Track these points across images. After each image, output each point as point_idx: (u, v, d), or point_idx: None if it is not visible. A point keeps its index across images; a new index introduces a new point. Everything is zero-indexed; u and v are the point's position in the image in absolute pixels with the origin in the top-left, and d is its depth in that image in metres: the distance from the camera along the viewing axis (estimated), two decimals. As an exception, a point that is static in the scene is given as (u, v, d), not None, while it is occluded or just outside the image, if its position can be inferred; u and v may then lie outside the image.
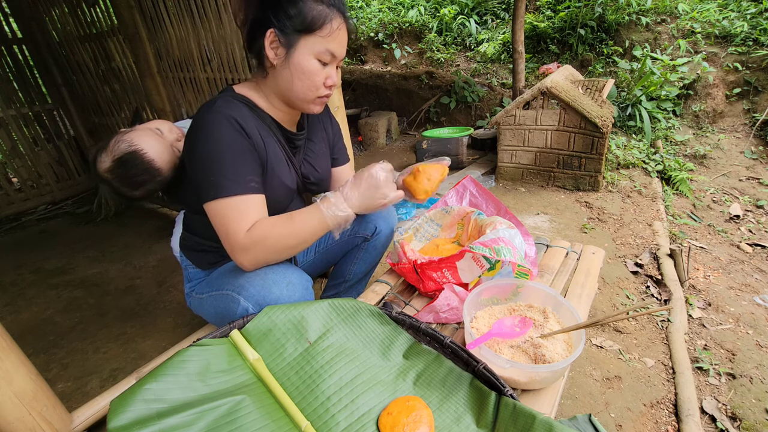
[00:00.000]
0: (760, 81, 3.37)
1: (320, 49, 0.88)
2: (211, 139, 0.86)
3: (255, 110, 0.96)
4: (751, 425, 1.23)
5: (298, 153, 1.09)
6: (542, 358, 0.80)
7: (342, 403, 0.72)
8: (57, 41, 2.87)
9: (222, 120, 0.86)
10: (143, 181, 1.10)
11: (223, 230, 0.87)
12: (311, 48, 0.87)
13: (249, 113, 0.92)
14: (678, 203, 2.67)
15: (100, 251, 2.52)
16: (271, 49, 0.88)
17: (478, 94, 4.22)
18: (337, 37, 0.88)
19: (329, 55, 0.89)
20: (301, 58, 0.88)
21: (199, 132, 0.88)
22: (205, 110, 0.89)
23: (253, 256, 0.88)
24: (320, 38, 0.87)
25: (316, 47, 0.88)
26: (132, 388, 0.65)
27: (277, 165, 0.98)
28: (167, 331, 1.72)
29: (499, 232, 0.99)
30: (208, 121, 0.87)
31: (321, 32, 0.86)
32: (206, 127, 0.87)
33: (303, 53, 0.88)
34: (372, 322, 0.88)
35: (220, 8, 1.77)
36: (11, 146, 2.95)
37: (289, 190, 1.03)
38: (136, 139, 1.09)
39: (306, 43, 0.87)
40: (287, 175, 1.01)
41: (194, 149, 0.88)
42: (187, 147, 0.93)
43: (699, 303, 1.78)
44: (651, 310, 0.75)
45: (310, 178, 1.12)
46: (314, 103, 0.96)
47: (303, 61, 0.88)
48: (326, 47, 0.88)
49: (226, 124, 0.86)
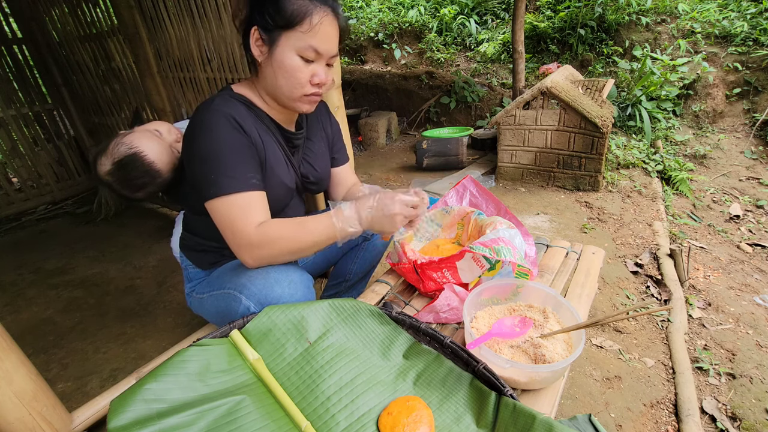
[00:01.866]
0: (760, 81, 3.37)
1: (301, 45, 0.85)
2: (210, 137, 0.86)
3: (253, 109, 0.95)
4: (751, 425, 1.23)
5: (297, 152, 1.09)
6: (542, 358, 0.80)
7: (342, 403, 0.72)
8: (57, 41, 2.86)
9: (220, 118, 0.86)
10: (144, 183, 1.10)
11: (229, 228, 0.86)
12: (292, 44, 0.85)
13: (247, 112, 0.92)
14: (678, 203, 2.67)
15: (100, 251, 2.52)
16: (256, 47, 0.88)
17: (478, 94, 4.22)
18: (318, 33, 0.85)
19: (312, 51, 0.86)
20: (283, 55, 0.86)
21: (197, 131, 0.87)
22: (203, 109, 0.89)
23: (260, 254, 0.87)
24: (300, 33, 0.84)
25: (297, 43, 0.85)
26: (132, 388, 0.65)
27: (275, 164, 0.97)
28: (167, 331, 1.72)
29: (499, 232, 0.99)
30: (207, 120, 0.87)
31: (301, 27, 0.84)
32: (205, 126, 0.87)
33: (284, 50, 0.86)
34: (372, 322, 0.88)
35: (220, 8, 1.77)
36: (11, 146, 2.94)
37: (288, 189, 1.03)
38: (135, 142, 1.09)
39: (287, 39, 0.85)
40: (286, 175, 1.01)
41: (193, 148, 0.88)
42: (186, 146, 0.93)
43: (699, 303, 1.78)
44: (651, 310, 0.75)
45: (309, 177, 1.12)
46: (301, 101, 0.93)
47: (284, 58, 0.86)
48: (308, 43, 0.85)
49: (224, 122, 0.86)
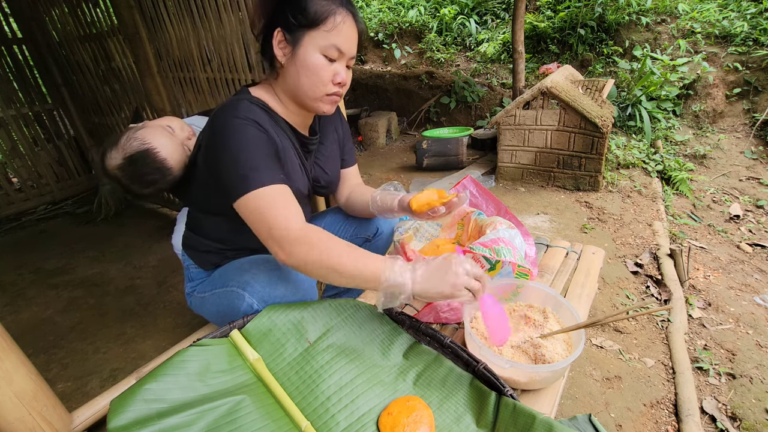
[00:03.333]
0: (760, 81, 3.37)
1: (325, 44, 0.87)
2: (238, 141, 0.85)
3: (271, 114, 0.95)
4: (751, 425, 1.23)
5: (310, 157, 1.09)
6: (542, 358, 0.80)
7: (342, 403, 0.72)
8: (57, 41, 2.86)
9: (247, 123, 0.86)
10: (154, 179, 1.08)
11: (262, 221, 0.82)
12: (316, 43, 0.87)
13: (266, 117, 0.92)
14: (678, 203, 2.67)
15: (100, 251, 2.52)
16: (279, 48, 0.89)
17: (478, 94, 4.22)
18: (342, 32, 0.88)
19: (335, 50, 0.88)
20: (306, 54, 0.88)
21: (225, 133, 0.86)
22: (228, 116, 0.88)
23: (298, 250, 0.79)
24: (324, 32, 0.87)
25: (320, 42, 0.87)
26: (132, 388, 0.65)
27: (291, 170, 0.98)
28: (167, 331, 1.72)
29: (499, 232, 0.99)
30: (234, 126, 0.86)
31: (325, 26, 0.86)
32: (232, 132, 0.86)
33: (308, 48, 0.88)
34: (372, 322, 0.88)
35: (220, 8, 1.77)
36: (11, 146, 2.94)
37: (301, 195, 1.02)
38: (148, 137, 1.06)
39: (311, 38, 0.87)
40: (300, 180, 1.01)
41: (222, 154, 0.86)
42: (211, 154, 0.91)
43: (699, 303, 1.78)
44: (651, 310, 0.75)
45: (320, 181, 1.12)
46: (323, 101, 0.94)
47: (308, 56, 0.88)
48: (331, 42, 0.87)
49: (253, 125, 0.86)
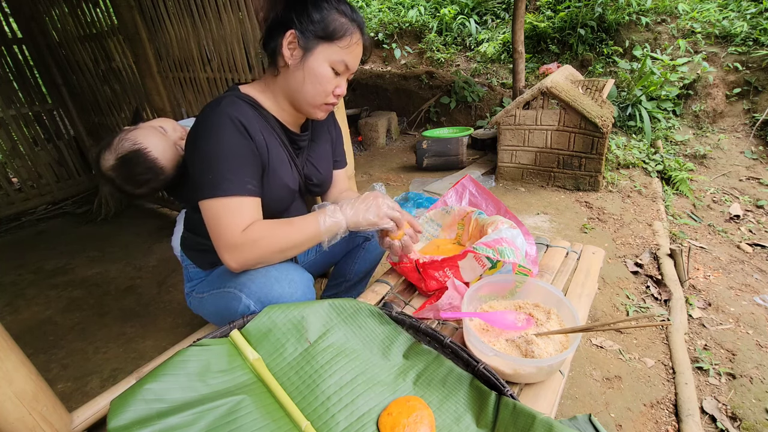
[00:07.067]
0: (760, 81, 3.37)
1: (336, 59, 0.91)
2: (214, 138, 0.87)
3: (259, 111, 0.96)
4: (751, 425, 1.23)
5: (302, 154, 1.10)
6: (531, 355, 0.80)
7: (342, 403, 0.72)
8: (57, 41, 2.86)
9: (226, 120, 0.87)
10: (146, 179, 1.09)
11: (215, 228, 0.87)
12: (328, 56, 0.91)
13: (253, 113, 0.93)
14: (678, 203, 2.67)
15: (100, 251, 2.52)
16: (288, 49, 0.90)
17: (478, 94, 4.22)
18: (353, 51, 0.93)
19: (343, 65, 0.93)
20: (317, 64, 0.91)
21: (202, 130, 0.88)
22: (209, 110, 0.90)
23: (242, 256, 0.87)
24: (338, 48, 0.90)
25: (333, 56, 0.91)
26: (132, 388, 0.65)
27: (279, 166, 0.98)
28: (167, 331, 1.72)
29: (501, 232, 0.99)
30: (212, 121, 0.88)
31: (340, 42, 0.90)
32: (210, 127, 0.88)
33: (319, 59, 0.91)
34: (372, 322, 0.88)
35: (220, 8, 1.77)
36: (11, 146, 2.94)
37: (290, 191, 1.03)
38: (140, 138, 1.08)
39: (324, 50, 0.90)
40: (289, 176, 1.02)
41: (196, 147, 0.89)
42: (189, 145, 0.93)
43: (699, 303, 1.78)
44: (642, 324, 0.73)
45: (312, 179, 1.13)
46: (320, 109, 0.98)
47: (318, 66, 0.91)
48: (342, 58, 0.91)
49: (230, 124, 0.87)
